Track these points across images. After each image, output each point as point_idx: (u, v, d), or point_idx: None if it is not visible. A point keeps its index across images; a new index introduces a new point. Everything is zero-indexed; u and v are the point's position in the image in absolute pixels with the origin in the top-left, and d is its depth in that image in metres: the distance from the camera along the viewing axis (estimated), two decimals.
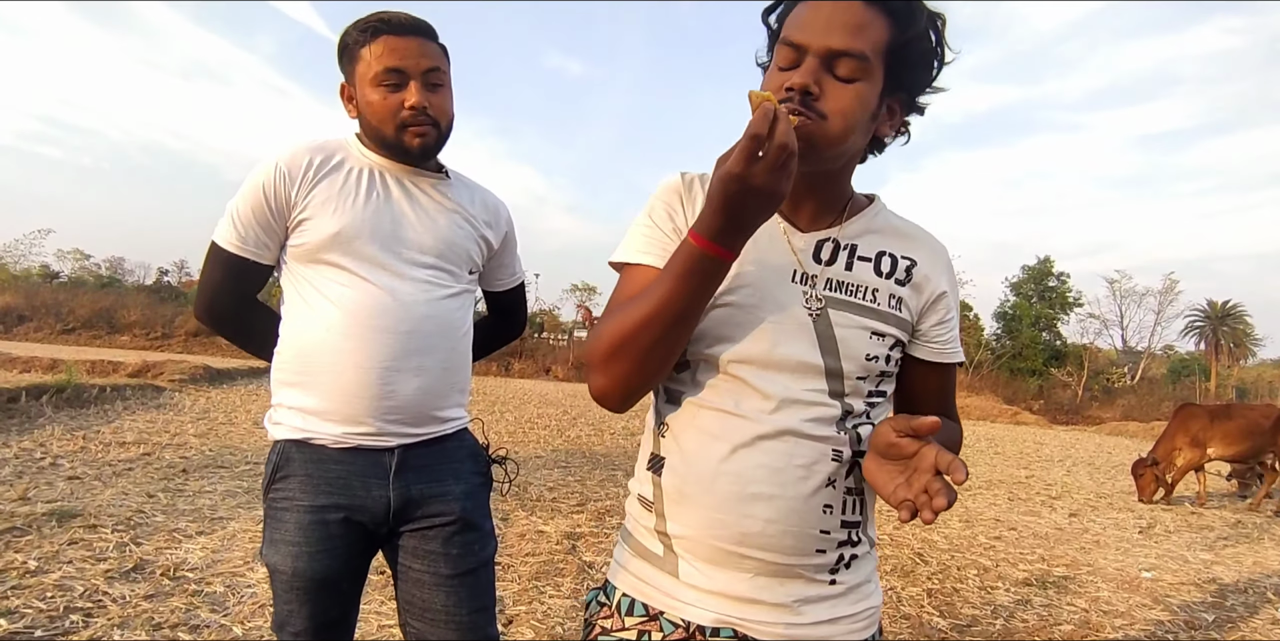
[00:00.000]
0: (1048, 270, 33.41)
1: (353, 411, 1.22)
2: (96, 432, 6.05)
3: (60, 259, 38.04)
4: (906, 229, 0.95)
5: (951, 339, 0.94)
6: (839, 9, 0.78)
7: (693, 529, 0.86)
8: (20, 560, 2.89)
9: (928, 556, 4.27)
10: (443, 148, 1.34)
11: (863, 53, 0.78)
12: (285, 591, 1.24)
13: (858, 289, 0.88)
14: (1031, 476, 8.43)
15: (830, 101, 0.79)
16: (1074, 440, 15.49)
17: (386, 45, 1.22)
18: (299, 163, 1.24)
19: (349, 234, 1.23)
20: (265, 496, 1.28)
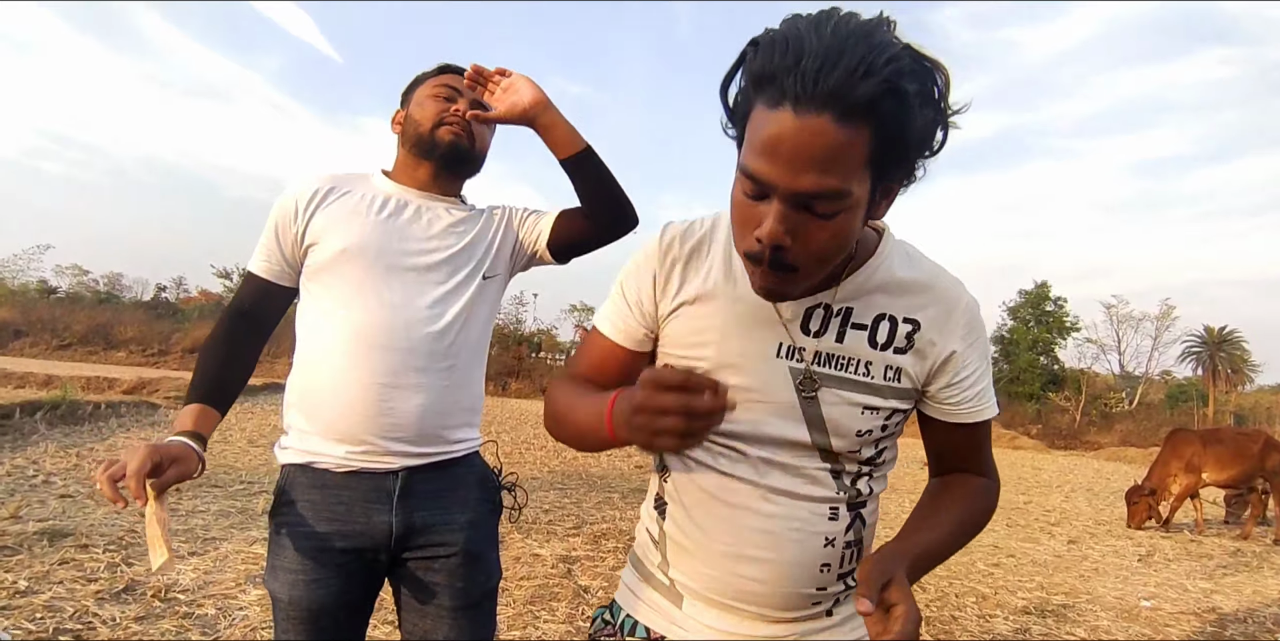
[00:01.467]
0: (1045, 294, 33.56)
1: (353, 429, 1.22)
2: (90, 450, 6.02)
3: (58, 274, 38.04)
4: (912, 280, 0.82)
5: (966, 399, 0.85)
6: (805, 135, 0.62)
7: (691, 579, 0.87)
8: (10, 579, 2.86)
9: (925, 583, 4.24)
10: (469, 165, 1.39)
11: (839, 190, 0.65)
12: (284, 620, 1.23)
13: (849, 363, 0.80)
14: (1030, 502, 8.39)
15: (804, 249, 0.69)
16: (1072, 465, 15.42)
17: (452, 79, 1.39)
18: (307, 191, 1.30)
19: (354, 251, 1.26)
20: (270, 521, 1.28)
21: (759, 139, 0.65)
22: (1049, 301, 33.50)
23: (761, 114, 0.65)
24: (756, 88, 0.66)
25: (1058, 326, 33.26)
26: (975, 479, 0.92)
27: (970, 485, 0.91)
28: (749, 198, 0.69)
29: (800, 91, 0.61)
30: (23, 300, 26.70)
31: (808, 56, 0.61)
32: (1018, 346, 32.67)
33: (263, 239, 1.31)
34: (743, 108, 0.69)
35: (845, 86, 0.60)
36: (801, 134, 0.62)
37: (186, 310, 32.42)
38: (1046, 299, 33.52)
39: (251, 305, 1.32)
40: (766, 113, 0.65)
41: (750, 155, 0.67)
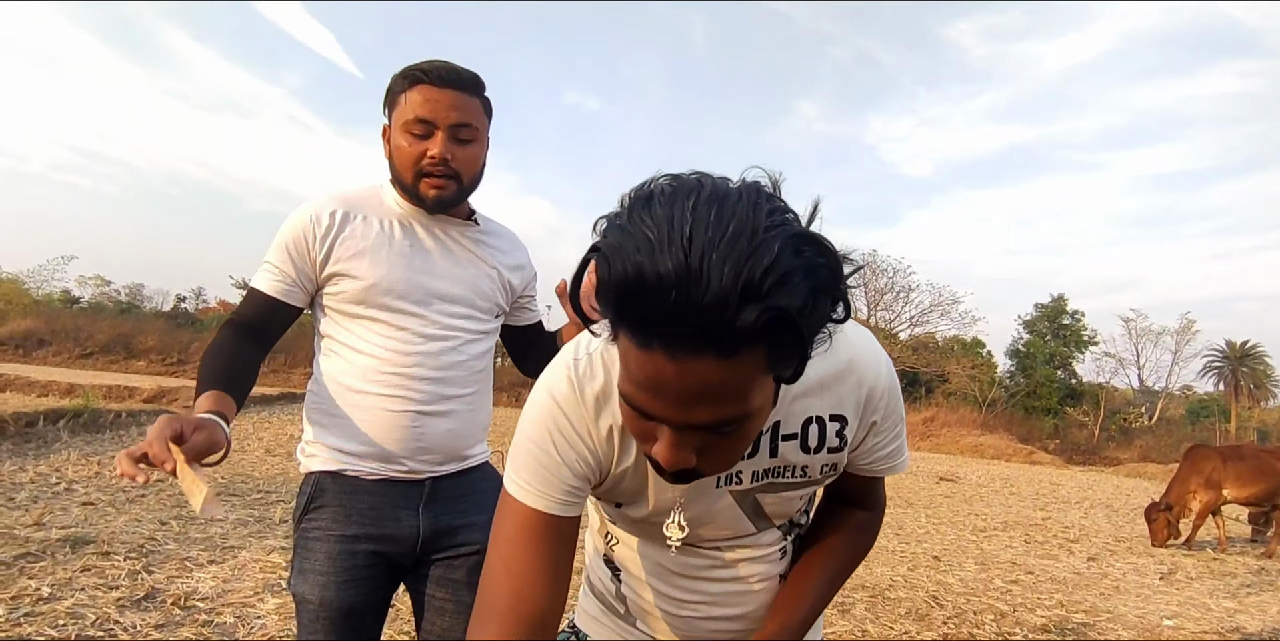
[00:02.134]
0: (1062, 308, 33.22)
1: (385, 453, 1.27)
2: (111, 458, 6.09)
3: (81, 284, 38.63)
4: (829, 375, 0.75)
5: (880, 458, 0.83)
6: (689, 378, 0.53)
7: (651, 616, 0.91)
8: (34, 586, 2.90)
9: (943, 600, 4.19)
10: (463, 200, 1.35)
11: (741, 413, 0.58)
12: (311, 621, 1.25)
13: (787, 469, 0.79)
14: (1048, 518, 8.27)
15: (710, 460, 0.63)
16: (1091, 481, 15.21)
17: (422, 94, 1.25)
18: (324, 214, 1.29)
19: (383, 286, 1.28)
20: (296, 527, 1.30)
21: (635, 375, 0.56)
22: (1066, 315, 33.16)
23: (629, 348, 0.55)
24: (618, 320, 0.54)
25: (1075, 340, 32.88)
26: (860, 513, 0.93)
27: (851, 522, 0.92)
28: (641, 420, 0.60)
29: (667, 336, 0.51)
30: (47, 310, 27.10)
31: (664, 289, 0.48)
32: (1034, 360, 32.32)
33: (273, 258, 1.29)
34: (610, 325, 0.57)
35: (718, 324, 0.49)
36: (684, 378, 0.53)
37: (205, 320, 32.80)
38: (1064, 312, 33.17)
39: (256, 320, 1.30)
40: (635, 350, 0.54)
41: (629, 385, 0.58)
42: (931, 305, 32.10)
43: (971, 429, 23.22)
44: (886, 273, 32.13)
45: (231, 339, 1.26)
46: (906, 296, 32.19)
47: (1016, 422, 25.88)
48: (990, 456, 20.16)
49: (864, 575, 4.58)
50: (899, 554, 5.39)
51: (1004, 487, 11.77)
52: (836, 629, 3.46)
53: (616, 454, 0.75)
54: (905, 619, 3.75)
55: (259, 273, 1.31)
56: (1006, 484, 12.49)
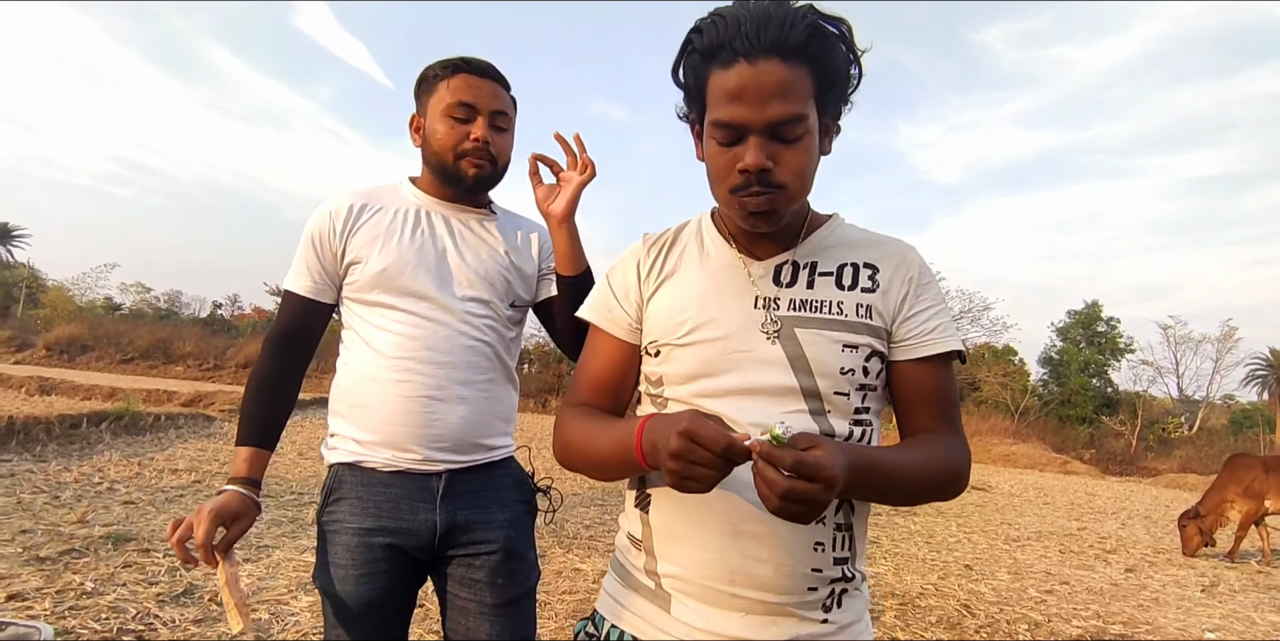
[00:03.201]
0: (1096, 315, 32.54)
1: (399, 439, 1.28)
2: (151, 459, 6.25)
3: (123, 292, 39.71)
4: (865, 238, 0.94)
5: (925, 330, 0.89)
6: (763, 75, 0.77)
7: (684, 568, 0.85)
8: (78, 581, 2.99)
9: (975, 608, 4.12)
10: (496, 183, 1.40)
11: (801, 113, 0.79)
12: (333, 615, 1.27)
13: (823, 304, 0.88)
14: (1084, 529, 8.09)
15: (785, 170, 0.81)
16: (1128, 492, 14.83)
17: (465, 82, 1.32)
18: (341, 208, 1.34)
19: (394, 270, 1.31)
20: (318, 520, 1.33)
21: (725, 92, 0.79)
22: (1101, 322, 32.46)
23: (720, 76, 0.80)
24: (709, 58, 0.80)
25: (1111, 348, 32.16)
26: (944, 435, 0.90)
27: (939, 439, 0.89)
28: (723, 146, 0.82)
29: (750, 47, 0.77)
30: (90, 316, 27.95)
31: (745, 22, 0.77)
32: (1068, 368, 31.66)
33: (300, 257, 1.35)
34: (698, 84, 0.83)
35: (782, 35, 0.76)
36: (760, 76, 0.77)
37: (240, 326, 33.48)
38: (1098, 319, 32.48)
39: (296, 327, 1.35)
40: (725, 72, 0.79)
41: (720, 108, 0.80)
42: (962, 312, 31.62)
43: (1003, 437, 22.80)
44: None
45: (273, 364, 1.34)
46: None
47: (1050, 431, 25.35)
48: (1023, 465, 19.75)
49: (893, 582, 4.52)
50: (929, 562, 5.31)
51: (1037, 497, 11.53)
52: None
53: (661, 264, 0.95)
54: (936, 627, 3.70)
55: (289, 275, 1.36)
56: (1040, 493, 12.24)
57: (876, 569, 4.87)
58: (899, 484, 0.82)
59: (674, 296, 0.92)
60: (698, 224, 0.98)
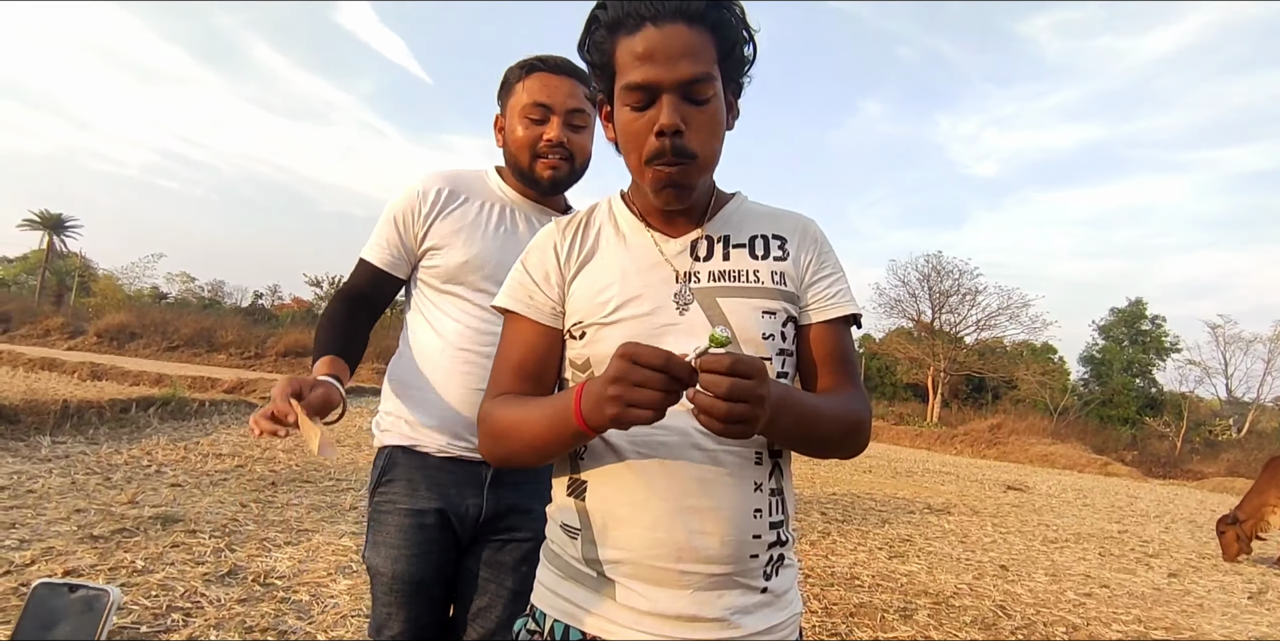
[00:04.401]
0: (1140, 313, 31.67)
1: (454, 427, 1.31)
2: (196, 444, 6.44)
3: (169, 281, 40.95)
4: (769, 212, 0.99)
5: (833, 294, 0.94)
6: (670, 37, 0.81)
7: (629, 551, 0.85)
8: (129, 559, 3.10)
9: (1011, 610, 4.06)
10: (574, 183, 1.42)
11: (709, 73, 0.83)
12: (385, 593, 1.30)
13: (740, 274, 0.91)
14: (1125, 531, 7.90)
15: (696, 135, 0.84)
16: (1172, 495, 14.43)
17: (539, 81, 1.33)
18: (430, 190, 1.37)
19: (475, 264, 1.34)
20: (371, 499, 1.36)
21: (635, 55, 0.82)
22: (1145, 320, 31.57)
23: (628, 41, 0.83)
24: (615, 29, 0.83)
25: (1156, 347, 31.28)
26: (851, 391, 0.93)
27: (846, 392, 0.92)
28: (636, 110, 0.84)
29: (655, 11, 0.81)
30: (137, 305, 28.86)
31: None
32: (1110, 367, 30.89)
33: (381, 230, 1.37)
34: (605, 56, 0.86)
35: (685, 1, 0.80)
36: (667, 38, 0.81)
37: (280, 316, 34.27)
38: (1142, 317, 31.61)
39: (367, 290, 1.39)
40: (632, 38, 0.82)
41: (631, 71, 0.83)
42: (999, 308, 31.00)
43: (1041, 437, 22.33)
44: (952, 275, 31.22)
45: (343, 310, 1.36)
46: (973, 299, 31.16)
47: (1090, 432, 24.75)
48: (1062, 466, 19.33)
49: (927, 582, 4.47)
50: (964, 561, 5.23)
51: (1076, 498, 11.28)
52: (898, 634, 3.39)
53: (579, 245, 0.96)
54: (971, 627, 3.65)
55: (367, 246, 1.40)
56: (1079, 495, 11.97)
57: (909, 567, 4.82)
58: (814, 424, 0.84)
59: (596, 276, 0.93)
60: (608, 205, 1.00)
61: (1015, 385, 31.43)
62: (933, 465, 14.83)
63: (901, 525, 6.55)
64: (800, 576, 4.44)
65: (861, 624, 3.49)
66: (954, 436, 22.85)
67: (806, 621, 3.43)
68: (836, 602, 3.79)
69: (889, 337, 33.51)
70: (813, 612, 3.58)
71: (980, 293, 30.98)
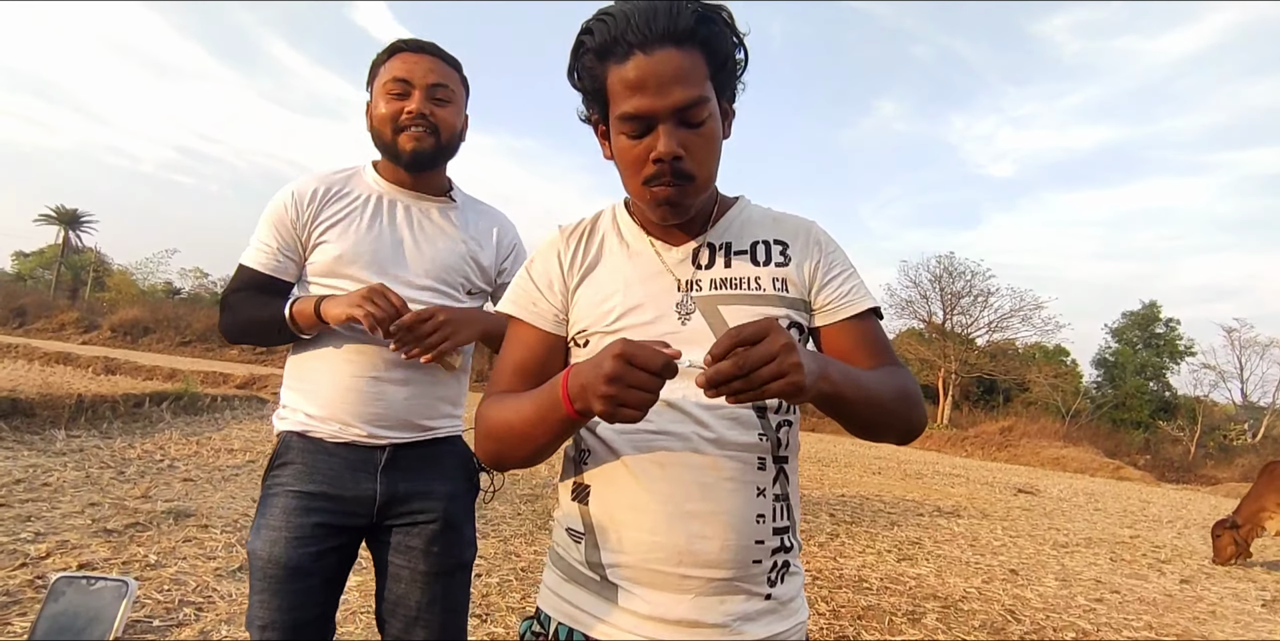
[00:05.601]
0: (1154, 315, 31.38)
1: (344, 416, 1.32)
2: (208, 439, 6.50)
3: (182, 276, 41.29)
4: (771, 216, 0.98)
5: (846, 291, 0.94)
6: (661, 63, 0.80)
7: (629, 554, 0.85)
8: (142, 553, 3.13)
9: (1020, 614, 4.03)
10: (442, 158, 1.40)
11: (703, 96, 0.82)
12: (260, 579, 1.27)
13: (741, 281, 0.91)
14: (1137, 537, 7.83)
15: (693, 158, 0.83)
16: (1185, 500, 14.30)
17: (400, 60, 1.34)
18: (305, 192, 1.36)
19: (349, 257, 1.34)
20: (263, 484, 1.35)
21: (626, 85, 0.81)
22: (1159, 323, 31.28)
23: (619, 70, 0.82)
24: (604, 56, 0.82)
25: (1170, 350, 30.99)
26: (891, 366, 0.92)
27: (887, 367, 0.92)
28: (632, 139, 0.84)
29: (643, 38, 0.79)
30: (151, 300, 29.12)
31: (634, 16, 0.79)
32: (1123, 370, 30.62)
33: (261, 235, 1.35)
34: (596, 84, 0.85)
35: (671, 23, 0.79)
36: (658, 64, 0.80)
37: None
38: (1156, 320, 31.32)
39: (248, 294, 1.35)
40: (622, 67, 0.81)
41: (624, 102, 0.82)
42: (1012, 310, 30.76)
43: (1053, 440, 22.17)
44: (964, 276, 31.00)
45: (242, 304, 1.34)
46: (985, 300, 30.95)
47: (1103, 435, 24.54)
48: (1073, 470, 19.19)
49: (936, 585, 4.45)
50: (973, 565, 5.21)
51: (1088, 502, 11.19)
52: (906, 637, 3.38)
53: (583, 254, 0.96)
54: (979, 631, 3.63)
55: (248, 251, 1.36)
56: (1090, 499, 11.88)
57: (919, 570, 4.80)
58: (865, 388, 0.82)
59: (600, 285, 0.93)
60: (612, 213, 1.00)
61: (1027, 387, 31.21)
62: (943, 467, 14.75)
63: (910, 527, 6.53)
64: (808, 578, 4.45)
65: (869, 627, 3.47)
66: (964, 438, 22.72)
67: (814, 623, 3.42)
68: (844, 605, 3.78)
69: (899, 338, 33.31)
70: (820, 614, 3.57)
71: (992, 294, 30.75)
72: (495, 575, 3.53)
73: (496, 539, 4.22)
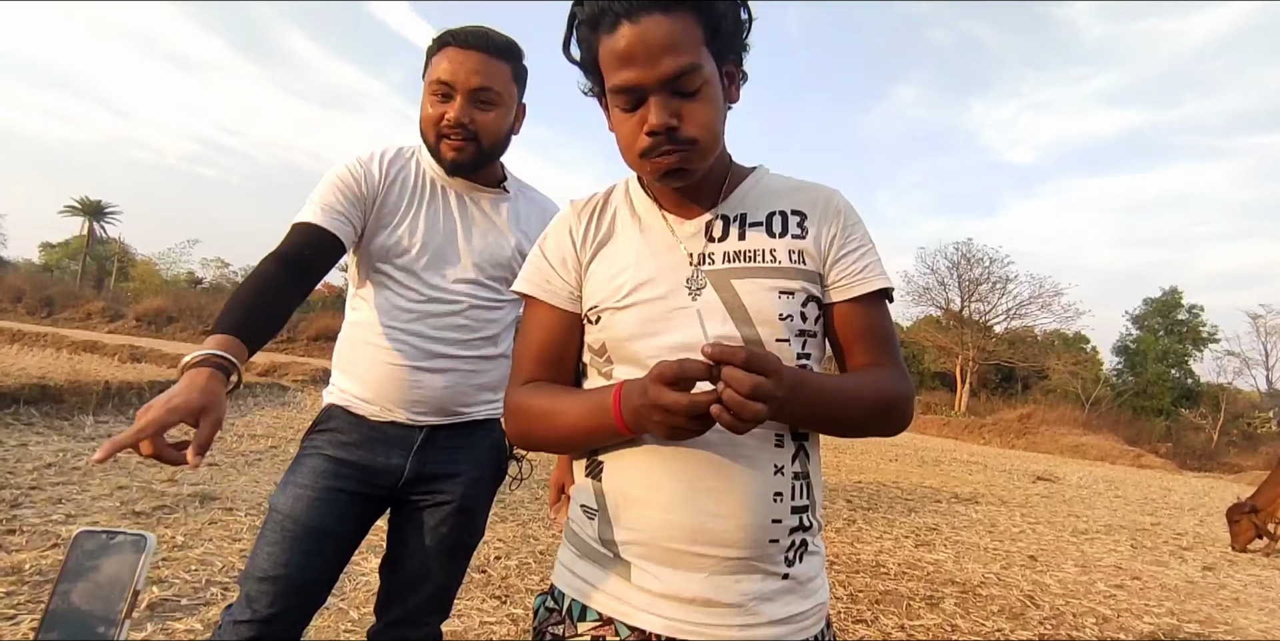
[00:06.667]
0: (1176, 302, 30.90)
1: (385, 401, 1.35)
2: (231, 425, 6.60)
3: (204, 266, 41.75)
4: (790, 185, 0.94)
5: (860, 268, 0.89)
6: (648, 32, 0.76)
7: (643, 531, 0.83)
8: (170, 534, 3.20)
9: (1039, 600, 4.02)
10: (483, 164, 1.37)
11: (694, 63, 0.78)
12: (275, 531, 1.27)
13: (756, 253, 0.88)
14: (1158, 524, 7.76)
15: (691, 124, 0.80)
16: (1207, 488, 14.13)
17: (447, 57, 1.27)
18: (373, 165, 1.35)
19: (402, 247, 1.34)
20: (302, 443, 1.38)
21: (615, 56, 0.78)
22: (1181, 309, 30.79)
23: (608, 41, 0.79)
24: (594, 27, 0.80)
25: (1193, 337, 30.52)
26: (885, 367, 0.90)
27: (878, 369, 0.89)
28: (626, 111, 0.82)
29: (628, 6, 0.76)
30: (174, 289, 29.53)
31: None
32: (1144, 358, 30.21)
33: (327, 195, 1.28)
34: (590, 55, 0.82)
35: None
36: (645, 33, 0.76)
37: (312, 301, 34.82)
38: (1178, 307, 30.83)
39: (301, 252, 1.23)
40: (611, 37, 0.78)
41: (614, 74, 0.79)
42: (1031, 297, 30.43)
43: (1072, 428, 21.97)
44: (982, 263, 30.67)
45: (270, 275, 1.18)
46: (1003, 287, 30.62)
47: (1123, 423, 24.28)
48: (1093, 457, 19.02)
49: (954, 570, 4.44)
50: (992, 551, 5.19)
51: (1108, 490, 11.10)
52: (924, 622, 3.38)
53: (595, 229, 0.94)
54: (998, 616, 3.62)
55: (307, 210, 1.28)
56: (1111, 486, 11.78)
57: (937, 556, 4.79)
58: (836, 404, 0.83)
59: (612, 260, 0.91)
60: (625, 187, 0.98)
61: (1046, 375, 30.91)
62: (960, 454, 14.67)
63: (928, 514, 6.51)
64: (825, 562, 4.43)
65: (887, 611, 3.48)
66: (982, 426, 22.57)
67: (831, 607, 3.43)
68: (862, 589, 3.78)
69: (917, 326, 33.09)
70: (838, 598, 3.58)
71: (1011, 281, 30.45)
72: (514, 557, 3.57)
73: (515, 522, 4.26)
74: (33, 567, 2.62)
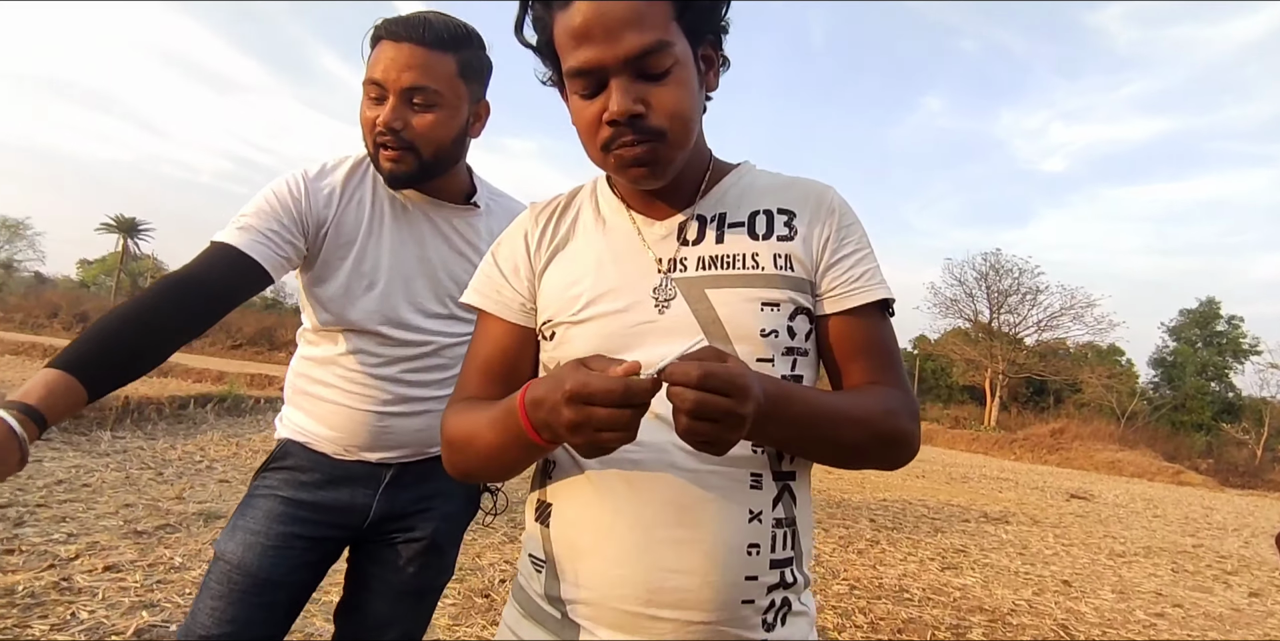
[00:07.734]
0: (1215, 313, 30.07)
1: (350, 445, 1.23)
2: (248, 440, 6.60)
3: None
4: (778, 181, 0.83)
5: (856, 276, 0.78)
6: (608, 5, 0.67)
7: (591, 589, 0.72)
8: (168, 556, 3.14)
9: (1073, 629, 3.81)
10: (432, 176, 1.18)
11: (661, 40, 0.68)
12: (218, 583, 1.14)
13: (735, 259, 0.76)
14: (1200, 546, 7.42)
15: (659, 112, 0.70)
16: (1251, 507, 13.58)
17: (380, 52, 1.09)
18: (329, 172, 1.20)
19: (363, 285, 1.20)
20: (252, 482, 1.25)
21: (571, 34, 0.69)
22: (1220, 320, 29.93)
23: (563, 18, 0.69)
24: (549, 3, 0.71)
25: (1233, 349, 29.64)
26: (885, 387, 0.77)
27: (878, 389, 0.76)
28: (585, 97, 0.72)
29: None
30: None
31: None
32: (1182, 370, 29.39)
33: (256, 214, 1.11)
34: (545, 35, 0.73)
35: None
36: (604, 7, 0.67)
37: None
38: (1217, 318, 29.99)
39: (206, 278, 1.04)
40: (566, 12, 0.69)
41: (571, 55, 0.70)
42: (1062, 309, 29.79)
43: (1107, 443, 21.38)
44: (1011, 273, 30.14)
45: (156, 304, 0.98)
46: (1034, 298, 30.03)
47: (1161, 438, 23.60)
48: (1129, 474, 18.43)
49: (983, 596, 4.24)
50: (1023, 575, 4.96)
51: (1146, 509, 10.70)
52: None
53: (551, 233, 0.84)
54: None
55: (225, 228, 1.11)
56: (1149, 505, 11.36)
57: (964, 580, 4.59)
58: (825, 427, 0.70)
59: (568, 266, 0.80)
60: (592, 187, 0.87)
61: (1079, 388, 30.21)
62: (990, 471, 14.29)
63: (956, 534, 6.28)
64: (845, 587, 4.28)
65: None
66: (1013, 441, 22.05)
67: (850, 636, 3.27)
68: (883, 617, 3.61)
69: (945, 338, 32.56)
70: (857, 627, 3.41)
71: (1041, 292, 29.90)
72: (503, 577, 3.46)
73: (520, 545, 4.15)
74: (25, 590, 2.57)
